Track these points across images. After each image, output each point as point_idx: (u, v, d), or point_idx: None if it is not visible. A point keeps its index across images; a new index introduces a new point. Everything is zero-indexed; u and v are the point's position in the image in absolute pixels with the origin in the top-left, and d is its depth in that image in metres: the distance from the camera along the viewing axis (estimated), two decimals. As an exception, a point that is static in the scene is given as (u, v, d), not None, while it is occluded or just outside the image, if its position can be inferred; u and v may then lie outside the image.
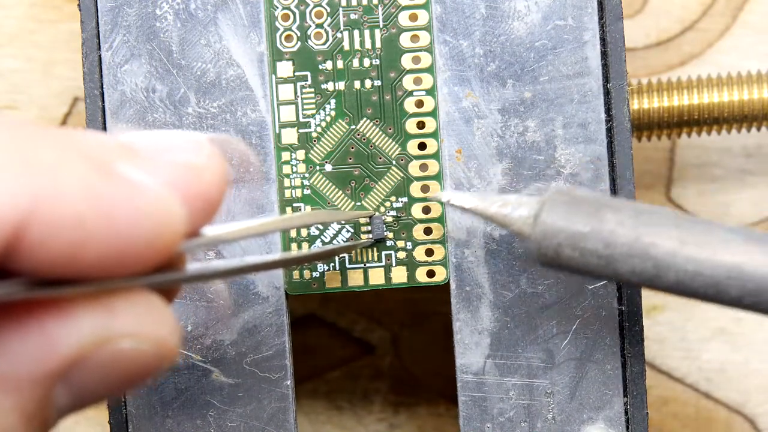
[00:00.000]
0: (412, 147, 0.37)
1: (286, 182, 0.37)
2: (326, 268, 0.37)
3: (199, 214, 0.27)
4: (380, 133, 0.37)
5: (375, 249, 0.37)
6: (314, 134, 0.37)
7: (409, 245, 0.37)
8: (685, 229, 0.32)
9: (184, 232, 0.27)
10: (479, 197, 0.35)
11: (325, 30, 0.37)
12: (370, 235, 0.37)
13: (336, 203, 0.37)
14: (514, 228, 0.34)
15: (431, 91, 0.37)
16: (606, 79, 0.37)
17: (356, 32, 0.37)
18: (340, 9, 0.37)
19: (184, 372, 0.37)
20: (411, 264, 0.37)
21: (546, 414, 0.37)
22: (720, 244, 0.32)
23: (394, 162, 0.37)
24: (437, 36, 0.37)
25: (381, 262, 0.37)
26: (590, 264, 0.32)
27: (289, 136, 0.37)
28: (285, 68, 0.37)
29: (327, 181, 0.37)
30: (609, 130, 0.37)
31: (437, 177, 0.37)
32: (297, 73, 0.37)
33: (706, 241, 0.32)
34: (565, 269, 0.33)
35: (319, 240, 0.37)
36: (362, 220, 0.37)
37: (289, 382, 0.37)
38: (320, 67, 0.37)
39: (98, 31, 0.37)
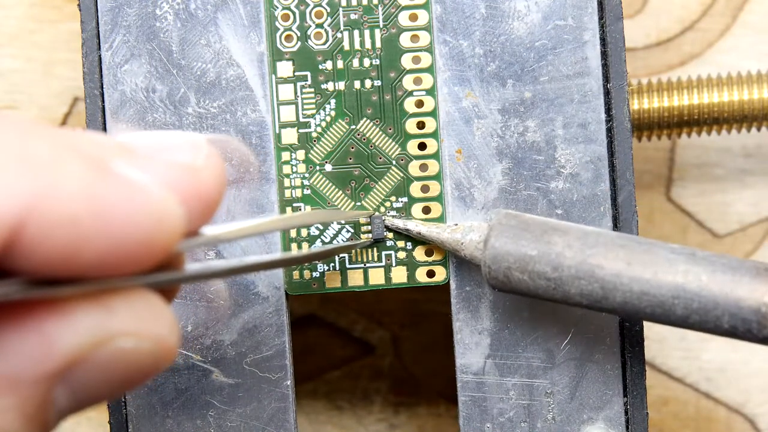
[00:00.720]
0: (412, 147, 0.37)
1: (286, 182, 0.37)
2: (326, 268, 0.37)
3: (197, 214, 0.27)
4: (380, 133, 0.37)
5: (375, 249, 0.37)
6: (314, 134, 0.37)
7: (409, 245, 0.37)
8: (631, 250, 0.33)
9: (182, 232, 0.27)
10: (432, 224, 0.36)
11: (325, 30, 0.37)
12: (370, 235, 0.37)
13: (336, 203, 0.37)
14: (466, 253, 0.35)
15: (431, 91, 0.37)
16: (606, 79, 0.37)
17: (356, 32, 0.37)
18: (340, 9, 0.37)
19: (184, 372, 0.37)
20: (411, 264, 0.37)
21: (546, 414, 0.37)
22: (665, 263, 0.32)
23: (394, 162, 0.37)
24: (437, 36, 0.37)
25: (381, 262, 0.37)
26: (539, 287, 0.33)
27: (289, 136, 0.37)
28: (285, 68, 0.37)
29: (327, 181, 0.37)
30: (609, 130, 0.37)
31: (437, 177, 0.37)
32: (297, 73, 0.37)
33: (651, 261, 0.32)
34: (516, 292, 0.34)
35: (319, 240, 0.37)
36: (362, 220, 0.37)
37: (289, 382, 0.37)
38: (320, 67, 0.37)
39: (98, 31, 0.37)
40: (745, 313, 0.32)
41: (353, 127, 0.37)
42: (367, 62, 0.37)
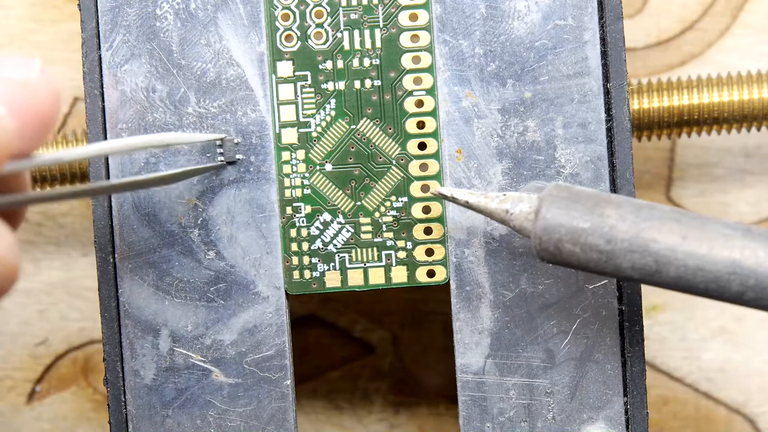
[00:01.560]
0: (412, 147, 0.37)
1: (286, 182, 0.37)
2: (326, 268, 0.37)
3: (31, 132, 0.27)
4: (380, 132, 0.37)
5: (375, 249, 0.37)
6: (314, 134, 0.37)
7: (410, 245, 0.37)
8: (686, 225, 0.32)
9: (15, 148, 0.26)
10: (480, 193, 0.35)
11: (325, 30, 0.37)
12: (222, 158, 0.37)
13: (336, 203, 0.37)
14: (515, 224, 0.34)
15: (431, 91, 0.37)
16: (606, 79, 0.37)
17: (356, 32, 0.37)
18: (340, 9, 0.37)
19: (184, 372, 0.37)
20: (411, 264, 0.37)
21: (546, 414, 0.37)
22: (721, 239, 0.32)
23: (394, 162, 0.37)
24: (437, 36, 0.37)
25: (381, 262, 0.37)
26: (591, 260, 0.32)
27: (289, 136, 0.37)
28: (285, 68, 0.37)
29: (327, 181, 0.37)
30: (609, 130, 0.37)
31: (437, 177, 0.37)
32: (297, 73, 0.37)
33: (706, 236, 0.32)
34: (566, 265, 0.33)
35: (319, 240, 0.37)
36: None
37: (289, 382, 0.37)
38: (320, 66, 0.37)
39: (98, 30, 0.37)
40: None
41: (353, 126, 0.37)
42: (367, 62, 0.37)
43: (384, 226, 0.37)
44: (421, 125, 0.37)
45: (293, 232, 0.37)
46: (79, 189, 0.30)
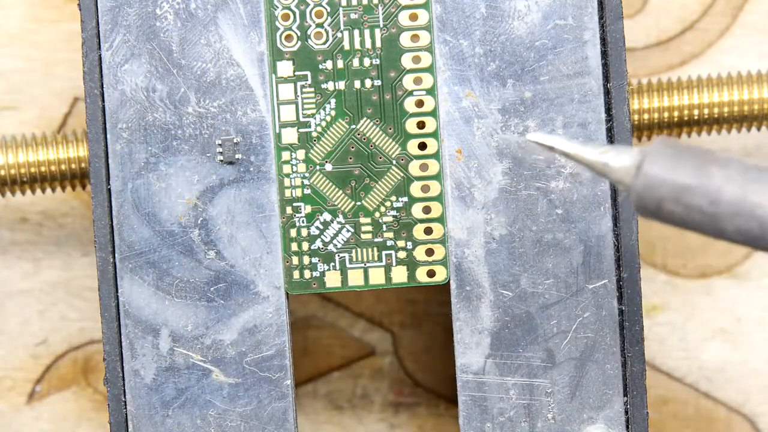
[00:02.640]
0: (412, 147, 0.37)
1: (286, 182, 0.37)
2: (326, 268, 0.37)
3: None
4: (380, 132, 0.37)
5: (375, 249, 0.37)
6: (314, 134, 0.37)
7: (410, 245, 0.37)
8: None
9: None
10: (578, 143, 0.33)
11: (326, 30, 0.37)
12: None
13: (336, 203, 0.37)
14: (614, 177, 0.32)
15: (431, 91, 0.37)
16: (606, 78, 0.37)
17: (356, 32, 0.37)
18: (340, 9, 0.37)
19: (184, 372, 0.37)
20: (411, 264, 0.37)
21: (546, 414, 0.37)
22: None
23: (394, 162, 0.37)
24: (437, 36, 0.37)
25: (381, 261, 0.37)
26: (693, 220, 0.31)
27: (289, 136, 0.37)
28: (285, 68, 0.37)
29: (327, 181, 0.37)
30: (609, 130, 0.37)
31: (437, 177, 0.37)
32: (297, 73, 0.37)
33: None
34: (665, 222, 0.31)
35: (319, 240, 0.37)
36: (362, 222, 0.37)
37: (289, 382, 0.37)
38: (320, 66, 0.37)
39: (98, 30, 0.37)
40: None
41: (353, 126, 0.37)
42: (367, 62, 0.37)
43: (384, 226, 0.37)
44: (421, 125, 0.37)
45: (293, 232, 0.37)
46: None
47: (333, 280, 0.37)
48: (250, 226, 0.37)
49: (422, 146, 0.37)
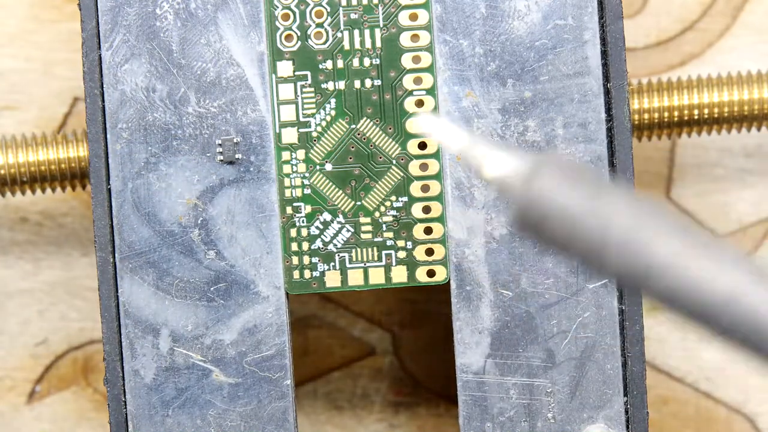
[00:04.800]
0: (412, 146, 0.37)
1: (286, 182, 0.37)
2: (326, 267, 0.37)
3: None
4: (380, 132, 0.37)
5: (375, 249, 0.37)
6: (314, 134, 0.37)
7: (410, 245, 0.37)
8: (692, 237, 0.29)
9: None
10: (467, 135, 0.29)
11: (326, 29, 0.37)
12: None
13: (336, 202, 0.37)
14: (500, 182, 0.29)
15: (431, 91, 0.37)
16: (606, 78, 0.37)
17: (356, 32, 0.37)
18: (340, 8, 0.37)
19: (184, 372, 0.37)
20: (411, 264, 0.37)
21: (546, 413, 0.37)
22: (729, 264, 0.28)
23: (394, 161, 0.37)
24: (437, 35, 0.37)
25: (381, 261, 0.37)
26: (575, 246, 0.29)
27: (289, 136, 0.37)
28: (285, 68, 0.37)
29: (327, 181, 0.37)
30: (609, 130, 0.37)
31: (437, 176, 0.37)
32: (297, 73, 0.37)
33: (713, 256, 0.29)
34: (541, 241, 0.29)
35: (319, 240, 0.37)
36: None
37: (289, 382, 0.37)
38: (320, 66, 0.37)
39: (98, 30, 0.37)
40: None
41: (353, 126, 0.37)
42: (367, 62, 0.37)
43: (384, 225, 0.37)
44: (421, 125, 0.37)
45: (293, 232, 0.37)
46: None
47: (333, 280, 0.37)
48: (250, 226, 0.37)
49: (422, 146, 0.37)
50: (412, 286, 0.37)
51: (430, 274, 0.37)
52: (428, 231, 0.37)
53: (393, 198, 0.37)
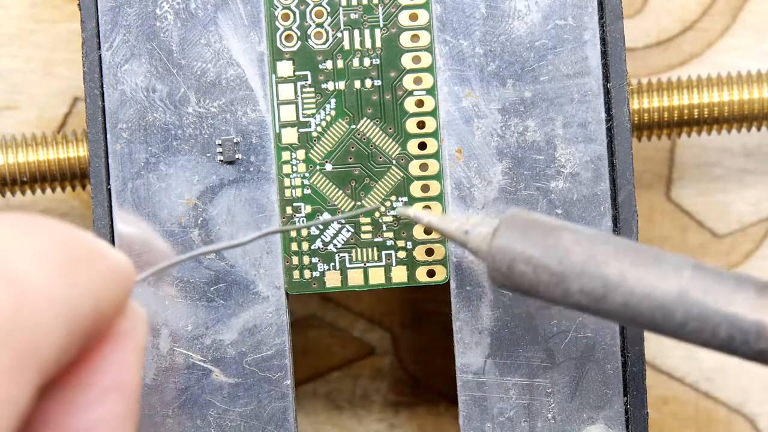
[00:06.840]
0: (412, 147, 0.37)
1: (286, 182, 0.37)
2: (326, 267, 0.37)
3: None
4: (380, 132, 0.37)
5: (375, 249, 0.37)
6: (314, 134, 0.37)
7: (410, 245, 0.37)
8: (638, 253, 0.32)
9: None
10: (441, 217, 0.35)
11: (326, 30, 0.37)
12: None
13: (336, 203, 0.37)
14: (472, 246, 0.34)
15: (431, 91, 0.37)
16: (606, 78, 0.37)
17: (356, 32, 0.37)
18: (341, 9, 0.37)
19: (184, 372, 0.37)
20: (411, 264, 0.37)
21: (546, 413, 0.37)
22: (672, 269, 0.32)
23: (394, 162, 0.37)
24: (437, 36, 0.37)
25: (381, 261, 0.37)
26: (542, 281, 0.32)
27: (289, 136, 0.37)
28: (285, 68, 0.37)
29: (327, 181, 0.37)
30: (609, 130, 0.37)
31: (437, 177, 0.37)
32: (297, 73, 0.37)
33: (657, 264, 0.32)
34: (517, 287, 0.33)
35: (319, 240, 0.37)
36: (362, 218, 0.37)
37: (289, 382, 0.37)
38: (320, 66, 0.37)
39: (98, 30, 0.37)
40: (745, 325, 0.31)
41: (353, 126, 0.37)
42: (367, 62, 0.37)
43: (384, 225, 0.37)
44: (421, 125, 0.37)
45: (293, 233, 0.37)
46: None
47: (333, 280, 0.37)
48: (250, 226, 0.37)
49: (422, 146, 0.37)
50: (412, 286, 0.37)
51: (430, 274, 0.37)
52: (428, 231, 0.37)
53: (393, 198, 0.37)
